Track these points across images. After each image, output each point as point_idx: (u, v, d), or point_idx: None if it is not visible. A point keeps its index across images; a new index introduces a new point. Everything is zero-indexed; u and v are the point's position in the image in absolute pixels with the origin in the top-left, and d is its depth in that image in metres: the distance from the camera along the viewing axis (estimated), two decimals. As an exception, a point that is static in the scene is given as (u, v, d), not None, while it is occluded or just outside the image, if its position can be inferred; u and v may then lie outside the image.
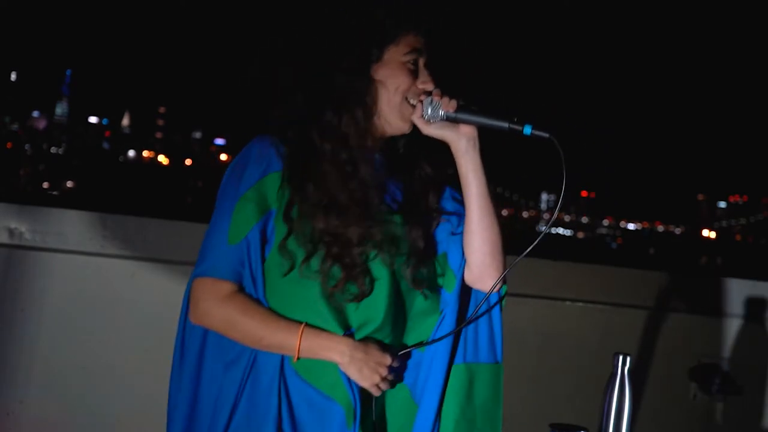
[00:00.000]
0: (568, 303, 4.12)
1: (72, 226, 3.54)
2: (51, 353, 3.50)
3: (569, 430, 2.07)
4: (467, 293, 2.14)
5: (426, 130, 2.07)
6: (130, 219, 3.64)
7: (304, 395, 2.01)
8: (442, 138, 2.07)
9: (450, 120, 2.05)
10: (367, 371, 1.98)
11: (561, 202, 2.15)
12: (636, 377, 3.04)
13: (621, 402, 2.09)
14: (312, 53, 2.04)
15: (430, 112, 2.05)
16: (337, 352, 1.98)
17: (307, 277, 1.99)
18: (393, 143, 2.13)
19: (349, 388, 1.99)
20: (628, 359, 2.09)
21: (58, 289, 3.52)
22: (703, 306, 4.28)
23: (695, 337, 4.25)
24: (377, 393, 2.02)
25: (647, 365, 4.17)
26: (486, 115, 2.04)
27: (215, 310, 2.00)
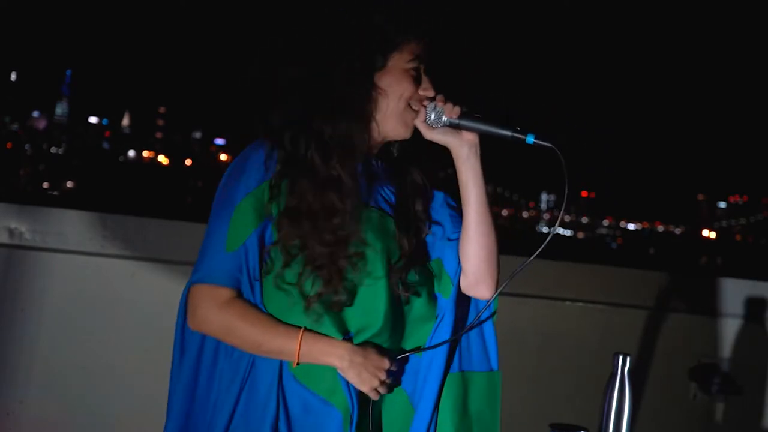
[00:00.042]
0: (568, 303, 4.12)
1: (72, 226, 3.54)
2: (51, 353, 3.50)
3: (569, 430, 2.07)
4: (463, 299, 2.14)
5: (428, 134, 2.07)
6: (130, 219, 3.64)
7: (301, 400, 2.00)
8: (444, 143, 2.07)
9: (453, 126, 2.06)
10: (366, 375, 1.98)
11: (564, 207, 2.15)
12: (636, 377, 3.04)
13: (621, 402, 2.09)
14: (314, 61, 2.03)
15: (433, 117, 2.05)
16: (337, 356, 1.97)
17: (283, 288, 1.99)
18: (388, 147, 2.12)
19: (348, 392, 1.99)
20: (628, 359, 2.09)
21: (58, 289, 3.52)
22: (703, 306, 4.28)
23: (695, 337, 4.25)
24: (376, 397, 2.02)
25: (647, 365, 4.17)
26: (489, 123, 2.05)
27: (213, 316, 1.99)
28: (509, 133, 2.03)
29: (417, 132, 2.09)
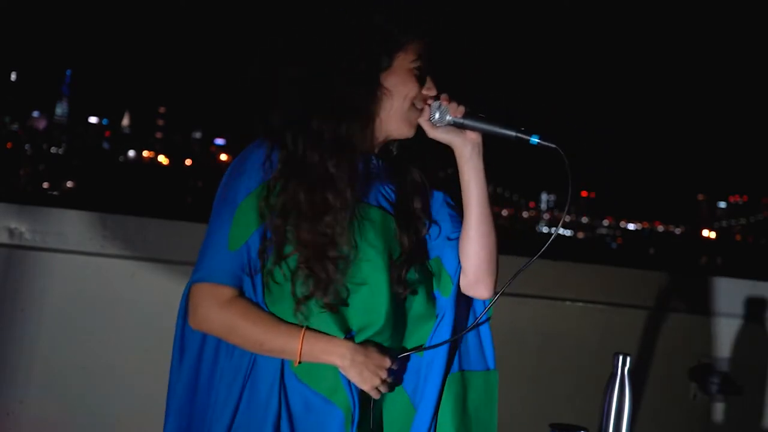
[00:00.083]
0: (568, 303, 4.12)
1: (72, 226, 3.54)
2: (51, 353, 3.50)
3: (569, 430, 2.07)
4: (462, 298, 2.14)
5: (432, 133, 2.07)
6: (130, 219, 3.64)
7: (303, 399, 2.01)
8: (447, 142, 2.08)
9: (456, 125, 2.06)
10: (368, 374, 1.98)
11: (567, 208, 2.16)
12: (636, 377, 3.04)
13: (621, 402, 2.09)
14: (317, 60, 2.02)
15: (437, 116, 2.06)
16: (338, 355, 1.97)
17: (276, 285, 2.00)
18: (387, 146, 2.12)
19: (349, 391, 1.99)
20: (628, 359, 2.10)
21: (58, 289, 3.52)
22: (703, 306, 4.28)
23: (695, 337, 4.25)
24: (377, 396, 2.02)
25: (647, 365, 4.17)
26: (493, 123, 2.05)
27: (215, 315, 1.99)
28: (513, 134, 2.03)
29: (418, 131, 2.09)
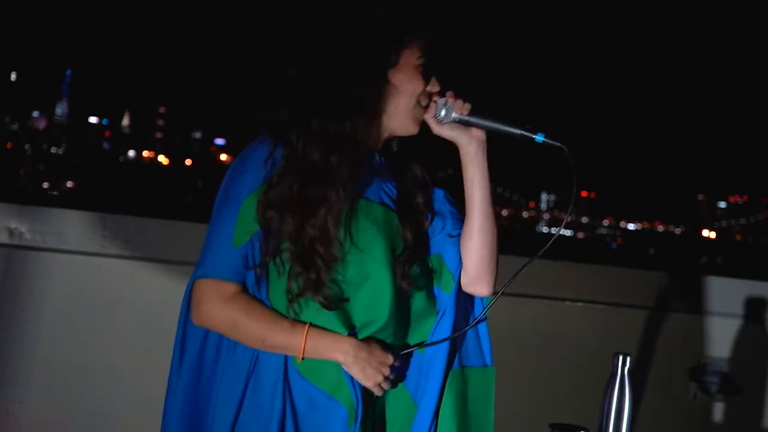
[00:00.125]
0: (568, 303, 4.12)
1: (72, 226, 3.54)
2: (51, 353, 3.50)
3: (569, 430, 2.07)
4: (462, 295, 2.14)
5: (437, 129, 2.07)
6: (130, 219, 3.64)
7: (306, 395, 2.01)
8: (452, 139, 2.08)
9: (462, 123, 2.06)
10: (371, 371, 1.98)
11: (572, 207, 2.17)
12: (636, 377, 3.04)
13: (621, 402, 2.09)
14: (324, 58, 2.02)
15: (443, 113, 2.06)
16: (341, 351, 1.98)
17: (272, 285, 2.00)
18: (388, 142, 2.13)
19: (352, 388, 1.99)
20: (628, 359, 2.10)
21: (58, 289, 3.52)
22: (704, 306, 4.28)
23: (695, 337, 4.25)
24: (379, 392, 2.02)
25: (647, 365, 4.17)
26: (499, 121, 2.05)
27: (218, 311, 1.99)
28: (519, 132, 2.04)
29: (421, 128, 2.09)
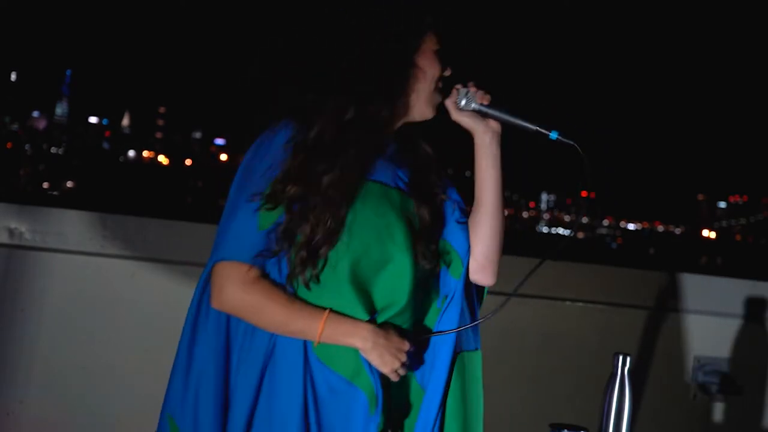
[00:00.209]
0: (568, 303, 4.12)
1: (72, 226, 3.54)
2: (51, 353, 3.50)
3: (569, 430, 2.07)
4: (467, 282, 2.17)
5: (455, 116, 2.12)
6: (130, 219, 3.64)
7: (326, 381, 2.01)
8: (468, 127, 2.13)
9: (480, 113, 2.11)
10: (388, 357, 2.00)
11: (586, 205, 2.23)
12: (636, 377, 3.04)
13: (621, 402, 2.09)
14: (353, 40, 2.03)
15: (464, 102, 2.11)
16: (360, 337, 1.99)
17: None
18: (401, 128, 2.14)
19: (371, 374, 2.00)
20: (628, 359, 2.10)
21: (58, 289, 3.52)
22: (703, 306, 4.28)
23: (695, 337, 4.25)
24: (396, 378, 2.03)
25: (647, 365, 4.17)
26: (516, 115, 2.10)
27: (241, 295, 1.99)
28: (534, 127, 2.09)
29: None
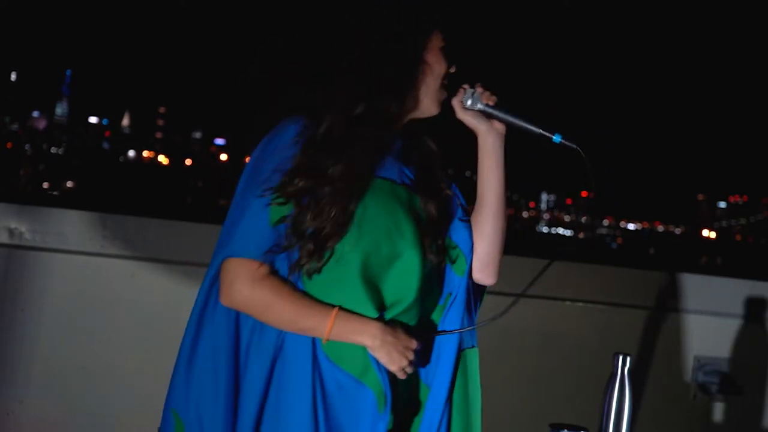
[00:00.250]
0: (568, 303, 4.12)
1: (72, 226, 3.54)
2: (51, 353, 3.50)
3: (569, 430, 2.08)
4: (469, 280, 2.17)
5: (460, 115, 2.14)
6: (130, 219, 3.64)
7: (334, 379, 2.01)
8: (473, 127, 2.14)
9: (485, 114, 2.13)
10: (396, 355, 2.00)
11: (593, 208, 2.24)
12: (636, 377, 3.04)
13: (621, 402, 2.09)
14: (363, 36, 2.04)
15: (470, 102, 2.13)
16: (369, 335, 1.99)
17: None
18: (406, 126, 2.15)
19: (379, 372, 2.00)
20: (628, 359, 2.10)
21: (58, 289, 3.52)
22: (703, 306, 4.28)
23: (695, 337, 4.25)
24: (403, 376, 2.04)
25: (647, 365, 4.17)
26: (520, 117, 2.12)
27: (250, 291, 1.98)
28: (538, 130, 2.10)
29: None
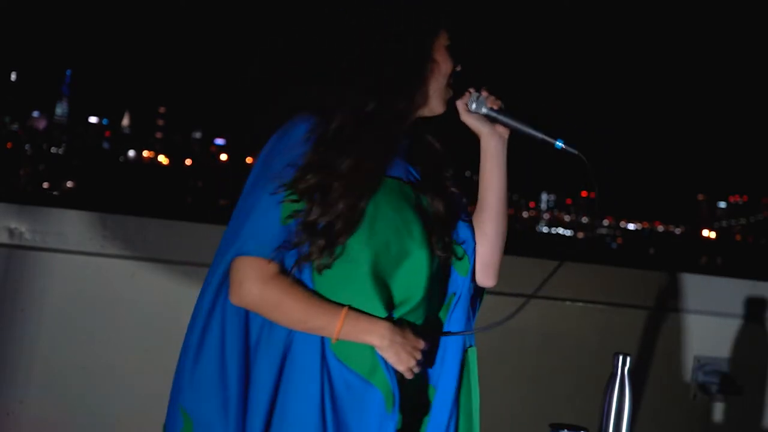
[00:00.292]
0: (568, 303, 4.12)
1: (72, 226, 3.54)
2: (51, 353, 3.50)
3: (569, 430, 2.08)
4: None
5: (464, 117, 2.16)
6: (130, 219, 3.64)
7: (343, 378, 2.01)
8: (476, 129, 2.16)
9: (489, 118, 2.15)
10: (404, 355, 2.01)
11: (596, 213, 2.25)
12: (636, 377, 3.04)
13: (621, 402, 2.09)
14: (374, 35, 2.04)
15: (474, 105, 2.15)
16: (378, 335, 1.99)
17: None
18: (412, 125, 2.15)
19: (387, 371, 2.01)
20: (628, 359, 2.10)
21: (58, 289, 3.52)
22: (703, 306, 4.28)
23: (695, 337, 4.25)
24: (410, 376, 2.04)
25: (647, 365, 4.17)
26: (523, 122, 2.14)
27: (261, 291, 1.98)
28: (541, 136, 2.12)
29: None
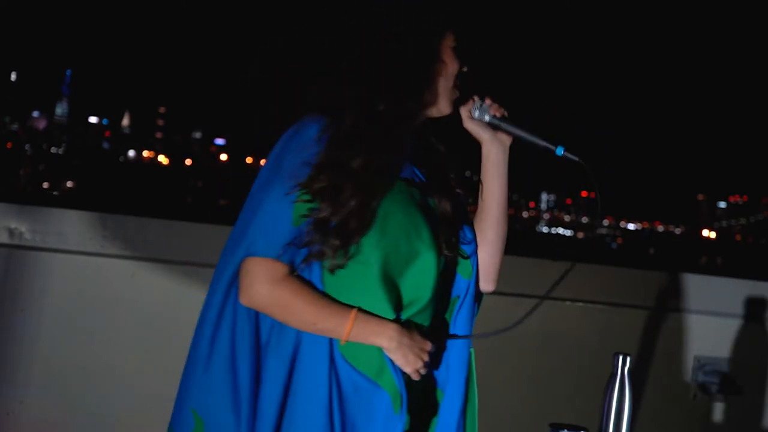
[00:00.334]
0: (568, 303, 4.12)
1: (72, 226, 3.54)
2: (51, 353, 3.50)
3: (569, 430, 2.08)
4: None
5: (467, 123, 2.17)
6: (130, 219, 3.64)
7: (351, 380, 2.01)
8: (478, 136, 2.17)
9: (493, 126, 2.17)
10: (412, 357, 2.01)
11: (598, 217, 2.27)
12: (636, 377, 3.04)
13: (621, 402, 2.09)
14: (384, 35, 2.05)
15: (477, 113, 2.16)
16: (386, 337, 2.00)
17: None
18: (419, 126, 2.16)
19: (395, 373, 2.01)
20: (628, 359, 2.10)
21: (58, 289, 3.52)
22: (703, 306, 4.28)
23: (695, 337, 4.25)
24: (417, 378, 2.05)
25: (647, 365, 4.17)
26: (526, 130, 2.16)
27: (269, 292, 1.98)
28: (542, 143, 2.14)
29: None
